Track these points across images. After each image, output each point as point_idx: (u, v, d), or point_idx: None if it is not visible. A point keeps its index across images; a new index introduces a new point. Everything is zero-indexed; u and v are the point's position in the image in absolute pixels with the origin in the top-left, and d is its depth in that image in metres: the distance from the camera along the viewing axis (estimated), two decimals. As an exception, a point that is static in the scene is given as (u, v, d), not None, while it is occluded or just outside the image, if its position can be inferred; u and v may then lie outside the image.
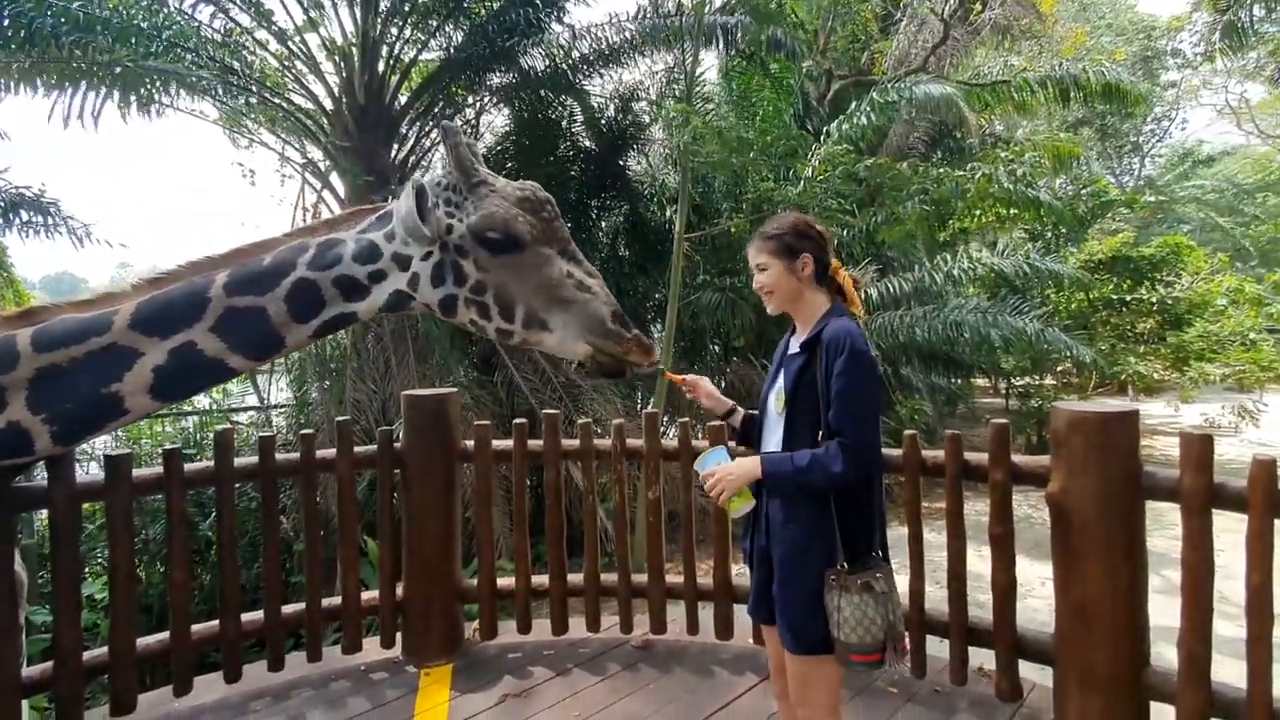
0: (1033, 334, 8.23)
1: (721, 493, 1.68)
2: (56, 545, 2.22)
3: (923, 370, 10.72)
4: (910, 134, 10.63)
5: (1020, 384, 12.81)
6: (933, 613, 2.46)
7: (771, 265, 1.74)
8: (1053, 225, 10.77)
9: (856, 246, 8.52)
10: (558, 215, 1.95)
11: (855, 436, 1.57)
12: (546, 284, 1.85)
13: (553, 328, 1.86)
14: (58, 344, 1.85)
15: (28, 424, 1.85)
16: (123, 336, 1.86)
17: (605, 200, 9.26)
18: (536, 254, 1.86)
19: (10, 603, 2.08)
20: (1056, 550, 2.15)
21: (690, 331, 8.97)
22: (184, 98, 7.60)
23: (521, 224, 1.85)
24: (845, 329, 1.64)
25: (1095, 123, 19.28)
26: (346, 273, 1.94)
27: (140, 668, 2.41)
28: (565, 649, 2.83)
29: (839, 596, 1.59)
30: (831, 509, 1.64)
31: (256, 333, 1.91)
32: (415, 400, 2.78)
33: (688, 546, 2.78)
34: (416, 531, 2.75)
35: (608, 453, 2.81)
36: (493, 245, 1.86)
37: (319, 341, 7.85)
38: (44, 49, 6.23)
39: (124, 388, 1.86)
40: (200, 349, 1.88)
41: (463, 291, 1.90)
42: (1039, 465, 2.24)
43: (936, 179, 6.58)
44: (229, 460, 2.48)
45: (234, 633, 2.51)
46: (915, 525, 2.47)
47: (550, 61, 8.47)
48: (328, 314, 1.95)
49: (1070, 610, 2.13)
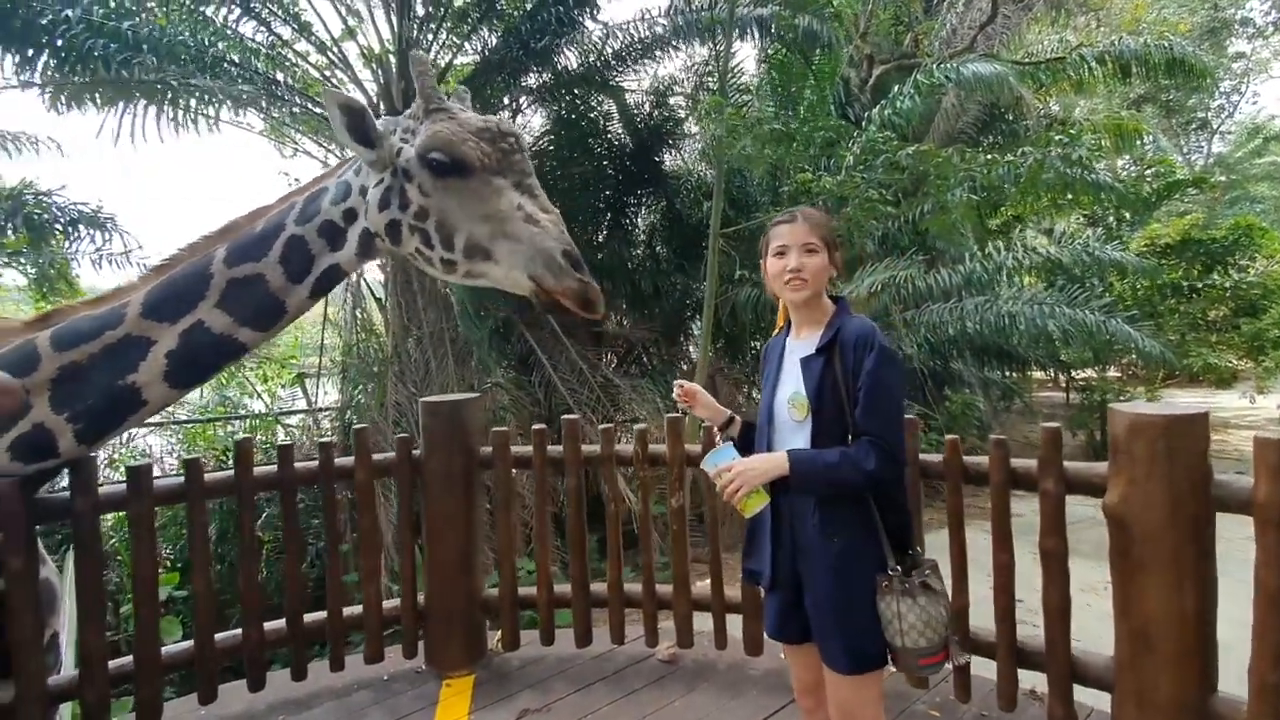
0: (1093, 325, 7.77)
1: (739, 489, 1.56)
2: (80, 555, 2.25)
3: (975, 364, 10.30)
4: (959, 119, 10.19)
5: (1081, 377, 12.18)
6: (979, 630, 2.29)
7: (822, 251, 1.62)
8: (1114, 209, 10.18)
9: (903, 237, 8.23)
10: (520, 149, 1.85)
11: (887, 434, 1.48)
12: (493, 215, 1.75)
13: (497, 259, 1.77)
14: (76, 341, 1.87)
15: (51, 424, 1.88)
16: (135, 326, 1.87)
17: (642, 197, 9.17)
18: (485, 182, 1.77)
19: (35, 614, 2.11)
20: (1116, 566, 1.95)
21: (729, 328, 8.80)
22: (229, 110, 7.82)
23: (469, 148, 1.76)
24: (869, 326, 1.56)
25: (1159, 99, 18.24)
26: (327, 218, 1.91)
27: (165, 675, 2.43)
28: (588, 662, 2.75)
29: (898, 602, 1.49)
30: (874, 511, 1.54)
31: (259, 301, 1.89)
32: (433, 407, 2.74)
33: (714, 557, 2.66)
34: (436, 540, 2.70)
35: (630, 458, 2.71)
36: (436, 168, 1.78)
37: (360, 342, 8.05)
38: (95, 69, 6.48)
39: (140, 378, 1.87)
40: (209, 327, 1.88)
41: (406, 217, 1.84)
42: (1095, 474, 2.04)
43: (985, 165, 6.26)
44: (249, 469, 2.48)
45: (256, 641, 2.51)
46: (958, 535, 2.29)
47: (584, 60, 8.42)
48: (318, 268, 1.92)
49: (1131, 632, 1.93)
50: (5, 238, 7.17)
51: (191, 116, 7.54)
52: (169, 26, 7.05)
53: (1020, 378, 12.00)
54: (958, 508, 2.28)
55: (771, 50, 8.33)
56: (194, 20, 7.22)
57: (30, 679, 2.12)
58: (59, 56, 6.37)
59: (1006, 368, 10.89)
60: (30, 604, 2.10)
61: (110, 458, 7.52)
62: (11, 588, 2.08)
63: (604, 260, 8.58)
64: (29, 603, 2.10)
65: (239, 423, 8.38)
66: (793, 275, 1.60)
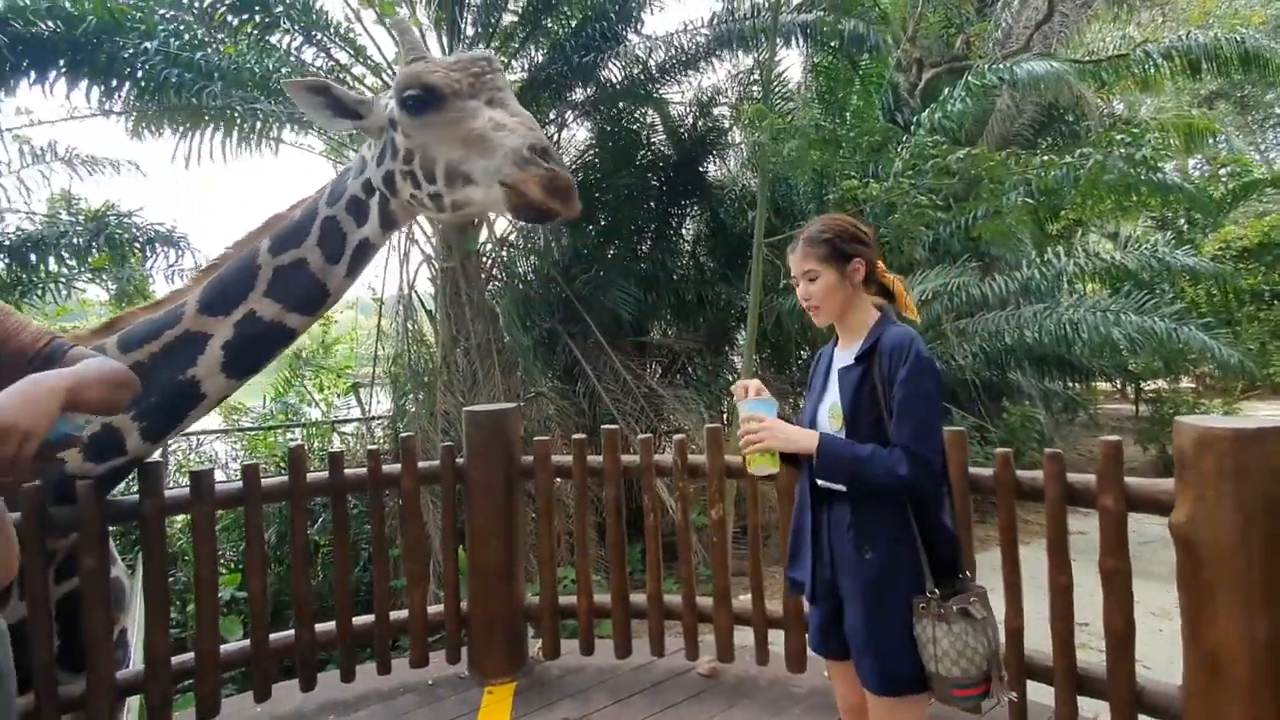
0: (1164, 333, 7.40)
1: (759, 440, 1.53)
2: (147, 557, 2.36)
3: (1035, 375, 9.91)
4: (1015, 121, 9.88)
5: (1151, 389, 11.58)
6: (1035, 654, 2.19)
7: (823, 273, 1.58)
8: (1185, 211, 9.68)
9: (954, 244, 8.01)
10: (493, 69, 1.86)
11: (922, 446, 1.43)
12: (467, 136, 1.76)
13: (476, 178, 1.76)
14: (141, 342, 1.99)
15: (119, 424, 1.99)
16: (193, 323, 1.98)
17: (686, 207, 9.19)
18: (459, 109, 1.78)
19: (104, 610, 2.23)
20: (1184, 590, 1.84)
21: (774, 338, 8.71)
22: (291, 132, 8.18)
23: (438, 76, 1.78)
24: (907, 335, 1.51)
25: (1233, 95, 17.28)
26: (351, 194, 1.98)
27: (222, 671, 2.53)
28: (628, 674, 2.74)
29: (933, 626, 1.44)
30: (913, 528, 1.48)
31: (303, 285, 1.97)
32: (475, 417, 2.79)
33: (755, 569, 2.62)
34: (478, 548, 2.75)
35: (669, 469, 2.70)
36: (412, 105, 1.81)
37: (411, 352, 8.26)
38: (169, 97, 6.88)
39: (199, 371, 1.98)
40: (260, 315, 1.97)
41: (396, 164, 1.88)
42: (1160, 490, 1.93)
43: (1042, 167, 6.04)
44: (303, 475, 2.57)
45: (308, 643, 2.59)
46: (1011, 554, 2.20)
47: (627, 73, 8.51)
48: (350, 246, 1.98)
49: (1200, 658, 1.82)
50: (91, 256, 7.65)
51: (256, 139, 7.92)
52: (237, 55, 7.43)
53: (1084, 389, 11.49)
54: (1010, 524, 2.19)
55: (817, 57, 8.25)
56: (260, 49, 7.59)
57: (101, 674, 2.24)
58: (139, 86, 6.79)
59: (1069, 378, 10.44)
60: (102, 602, 2.22)
61: (180, 463, 7.90)
62: (86, 585, 2.21)
63: (648, 271, 8.61)
64: (101, 600, 2.22)
65: (298, 430, 8.70)
66: (806, 305, 1.61)
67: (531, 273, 8.67)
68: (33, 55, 6.18)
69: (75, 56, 6.39)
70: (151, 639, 2.36)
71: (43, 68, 6.29)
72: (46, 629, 2.13)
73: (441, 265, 7.75)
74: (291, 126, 7.95)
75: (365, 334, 9.90)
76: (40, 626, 2.11)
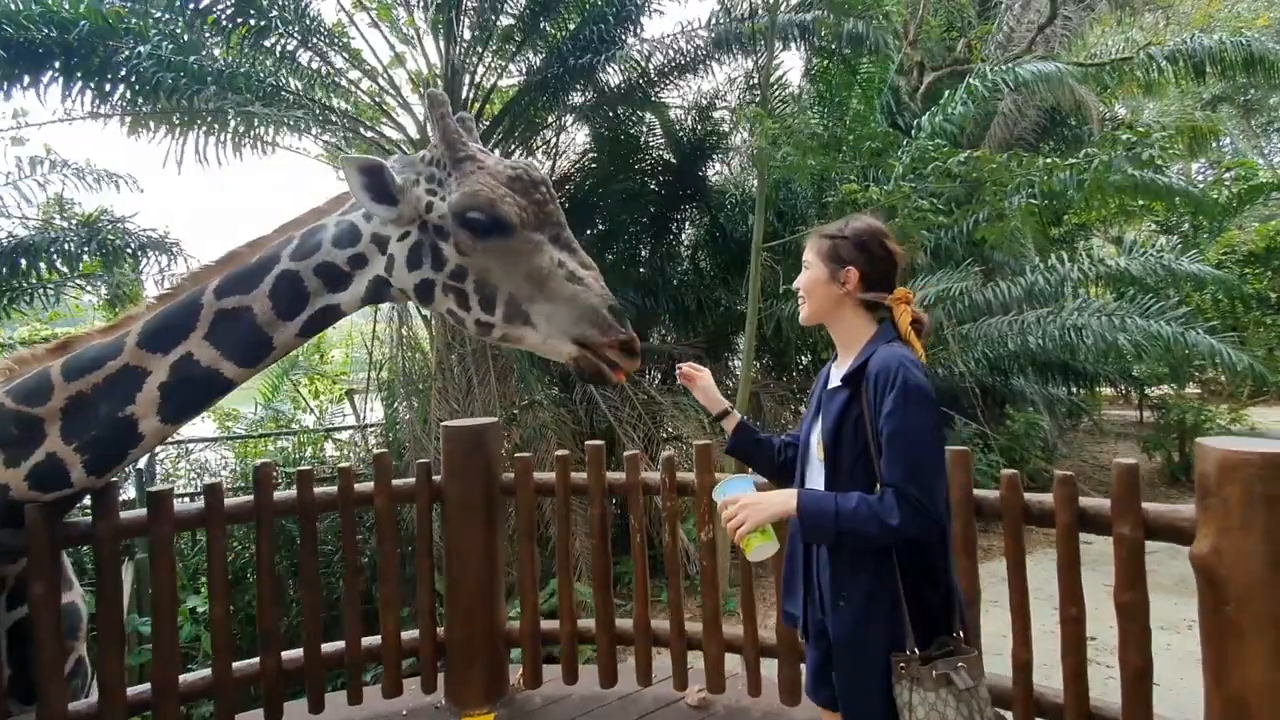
0: (1170, 337, 7.26)
1: (740, 525, 1.38)
2: (100, 580, 2.23)
3: (1038, 380, 9.78)
4: (1017, 124, 9.76)
5: (1156, 394, 11.42)
6: (1044, 690, 2.04)
7: (814, 266, 1.47)
8: (1190, 215, 9.54)
9: (957, 248, 7.88)
10: (553, 198, 1.76)
11: (913, 487, 1.27)
12: (534, 273, 1.66)
13: (536, 323, 1.68)
14: (83, 370, 1.86)
15: (63, 454, 1.87)
16: (132, 356, 1.85)
17: (685, 212, 9.08)
18: (525, 240, 1.68)
19: (55, 639, 2.10)
20: (1207, 627, 1.70)
21: (774, 344, 8.58)
22: (287, 135, 8.08)
23: (509, 206, 1.67)
24: (896, 357, 1.34)
25: (1237, 99, 17.14)
26: (326, 259, 1.83)
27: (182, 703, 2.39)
28: (614, 704, 2.60)
29: (909, 690, 1.28)
30: (896, 576, 1.33)
31: (244, 335, 1.83)
32: (452, 432, 2.65)
33: (747, 595, 2.48)
34: (456, 570, 2.61)
35: (656, 487, 2.56)
36: (475, 228, 1.68)
37: (405, 358, 8.15)
38: (162, 100, 6.79)
39: (137, 410, 1.85)
40: (196, 359, 1.83)
41: (441, 277, 1.75)
42: (1181, 518, 1.79)
43: (1045, 169, 5.91)
44: (269, 495, 2.44)
45: (274, 671, 2.45)
46: (1019, 582, 2.06)
47: (626, 77, 8.41)
48: (313, 308, 1.85)
49: (1225, 702, 1.67)
50: (82, 262, 7.54)
51: (250, 142, 7.82)
52: (230, 58, 7.34)
53: (1088, 395, 11.34)
54: (1017, 553, 2.05)
55: (816, 59, 8.15)
56: (255, 52, 7.50)
57: (52, 706, 2.11)
58: (132, 89, 6.70)
59: (1073, 384, 10.30)
60: (53, 630, 2.09)
61: (167, 472, 7.77)
62: (36, 613, 2.08)
63: (646, 276, 8.48)
64: (52, 629, 2.09)
65: (290, 437, 8.57)
66: (796, 294, 1.51)
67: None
68: (26, 59, 6.09)
69: (69, 60, 6.30)
70: (105, 666, 2.23)
71: (36, 71, 6.21)
72: (-6, 662, 2.00)
73: (436, 270, 7.64)
74: (286, 130, 7.86)
75: (360, 339, 9.77)
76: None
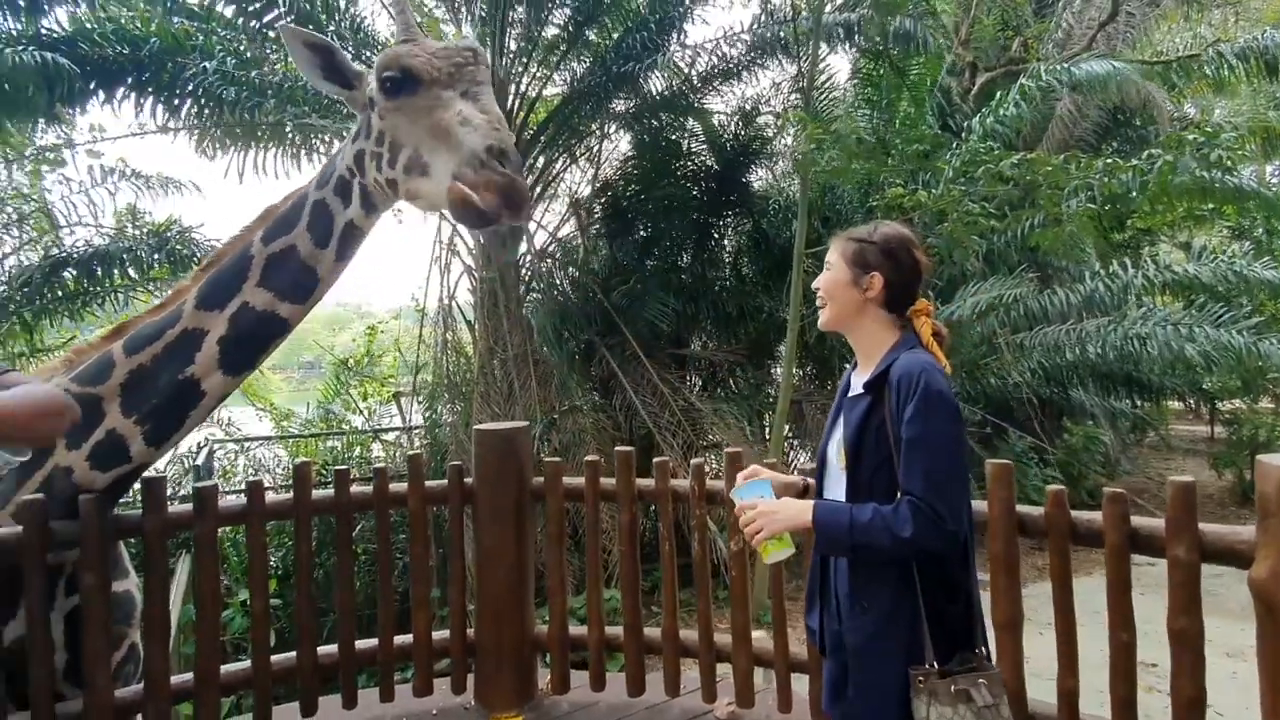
0: (1242, 348, 6.84)
1: (758, 531, 1.37)
2: (148, 573, 2.32)
3: (1099, 392, 9.35)
4: (1076, 125, 9.39)
5: (1228, 409, 10.78)
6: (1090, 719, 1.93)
7: (837, 268, 1.45)
8: (1264, 219, 9.00)
9: (1011, 254, 7.61)
10: (476, 61, 1.78)
11: (933, 499, 1.23)
12: (435, 126, 1.69)
13: (432, 172, 1.71)
14: (143, 344, 1.98)
15: (123, 429, 1.98)
16: (191, 320, 1.96)
17: (727, 218, 9.02)
18: (433, 97, 1.72)
19: (105, 628, 2.19)
20: (1266, 655, 1.58)
21: (817, 351, 8.43)
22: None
23: (418, 61, 1.72)
24: (919, 364, 1.31)
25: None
26: (338, 173, 1.93)
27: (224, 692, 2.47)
28: (641, 713, 2.57)
29: (927, 705, 1.24)
30: (916, 589, 1.29)
31: (292, 272, 1.93)
32: (484, 435, 2.68)
33: (778, 608, 2.42)
34: (486, 573, 2.63)
35: (686, 495, 2.53)
36: (389, 86, 1.76)
37: (449, 362, 8.29)
38: (225, 113, 7.11)
39: (197, 369, 1.95)
40: (252, 306, 1.93)
41: (369, 144, 1.84)
42: (1240, 541, 1.67)
43: (1105, 171, 5.65)
44: (308, 492, 2.51)
45: (309, 665, 2.51)
46: (1065, 606, 1.94)
47: (669, 84, 8.42)
48: (337, 228, 1.94)
49: (1291, 739, 1.55)
50: (152, 269, 7.96)
51: (308, 154, 8.12)
52: (288, 71, 7.65)
53: (1154, 408, 10.78)
54: (1064, 573, 1.93)
55: (862, 60, 8.00)
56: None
57: (99, 693, 2.20)
58: (199, 104, 7.05)
59: (1137, 397, 9.80)
60: (101, 618, 2.19)
61: (225, 469, 8.09)
62: (86, 603, 2.18)
63: (688, 282, 8.45)
64: (101, 618, 2.19)
65: (339, 438, 8.83)
66: (817, 296, 1.48)
67: (569, 284, 8.62)
68: (101, 75, 6.47)
69: (140, 76, 6.67)
70: (150, 656, 2.31)
71: (110, 87, 6.58)
72: (45, 647, 2.10)
73: (481, 276, 7.77)
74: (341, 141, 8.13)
75: (408, 344, 10.02)
76: (38, 645, 2.08)
